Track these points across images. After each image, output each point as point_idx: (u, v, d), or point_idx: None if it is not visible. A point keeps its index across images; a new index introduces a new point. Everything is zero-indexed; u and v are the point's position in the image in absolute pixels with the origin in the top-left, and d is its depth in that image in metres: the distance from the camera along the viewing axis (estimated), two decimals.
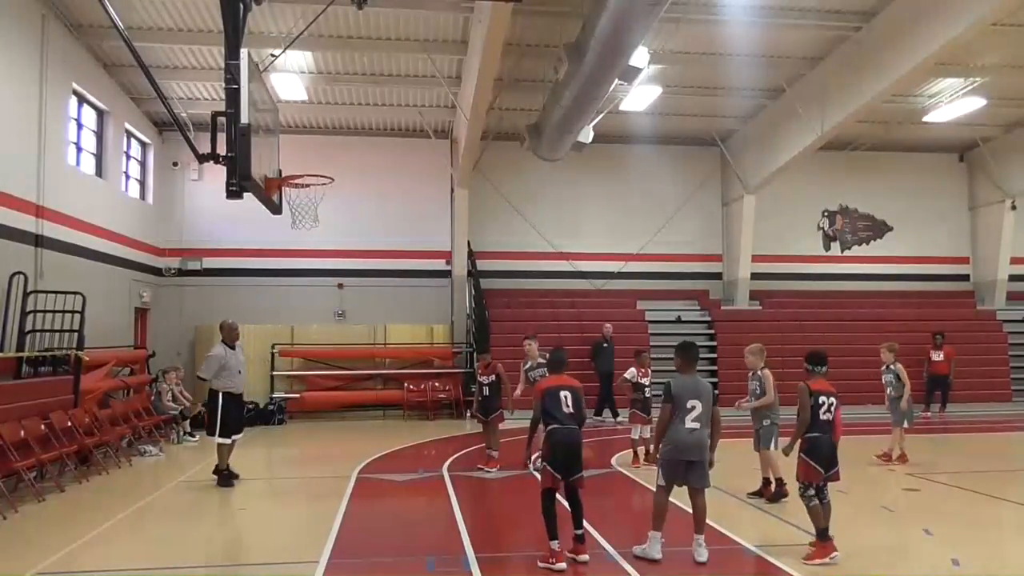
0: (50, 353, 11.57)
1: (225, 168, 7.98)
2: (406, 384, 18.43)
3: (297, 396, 18.10)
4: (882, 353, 11.47)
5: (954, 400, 18.47)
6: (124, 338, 16.29)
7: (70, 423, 10.58)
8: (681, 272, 21.30)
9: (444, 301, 19.50)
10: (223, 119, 8.00)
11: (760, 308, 20.97)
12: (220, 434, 10.05)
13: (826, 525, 6.54)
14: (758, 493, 8.96)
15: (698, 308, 20.96)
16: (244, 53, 7.94)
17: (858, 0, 13.89)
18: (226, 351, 10.20)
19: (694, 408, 6.60)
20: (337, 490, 9.64)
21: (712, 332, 20.08)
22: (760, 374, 9.02)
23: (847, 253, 22.23)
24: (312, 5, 11.70)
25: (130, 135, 17.21)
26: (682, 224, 21.26)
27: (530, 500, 7.24)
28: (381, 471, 11.17)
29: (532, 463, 8.17)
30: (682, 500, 6.99)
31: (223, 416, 10.04)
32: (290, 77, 15.59)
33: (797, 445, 6.80)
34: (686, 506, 6.84)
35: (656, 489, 6.75)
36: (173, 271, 18.83)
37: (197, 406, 14.33)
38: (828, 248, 22.24)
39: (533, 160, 17.59)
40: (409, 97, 17.68)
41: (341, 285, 19.27)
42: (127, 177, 17.28)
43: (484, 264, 20.31)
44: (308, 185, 9.88)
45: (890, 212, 22.30)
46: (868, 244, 22.32)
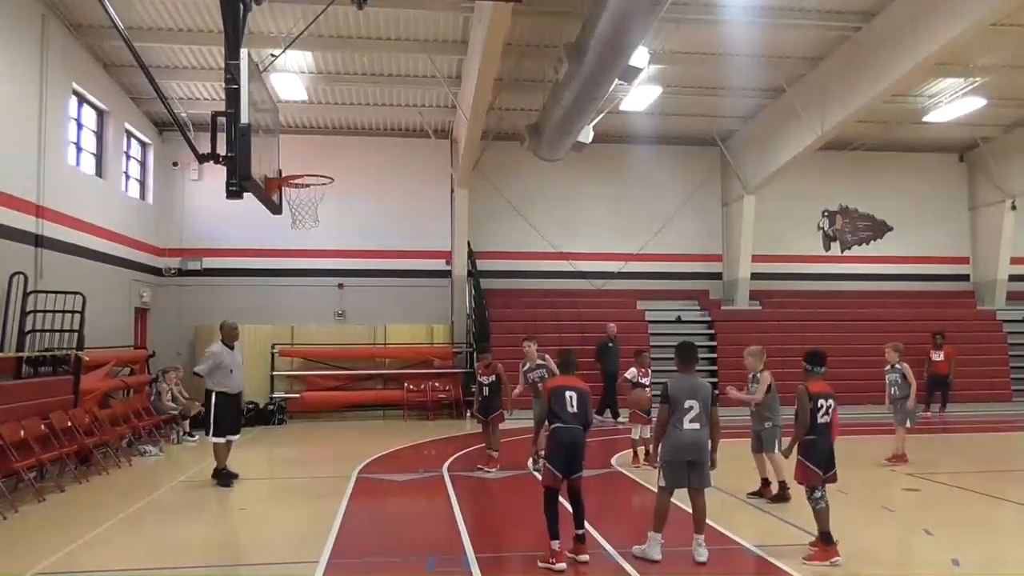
0: (50, 353, 11.56)
1: (225, 168, 7.97)
2: (406, 384, 18.44)
3: (297, 396, 18.12)
4: (887, 353, 11.48)
5: (954, 400, 18.47)
6: (124, 338, 16.29)
7: (70, 423, 10.58)
8: (681, 272, 21.28)
9: (444, 301, 19.51)
10: (223, 119, 7.99)
11: (760, 308, 20.97)
12: (214, 433, 10.12)
13: (827, 528, 6.53)
14: (758, 493, 8.96)
15: (698, 308, 20.96)
16: (244, 53, 7.93)
17: (858, 0, 13.89)
18: (224, 350, 10.25)
19: (692, 408, 6.60)
20: (337, 490, 9.65)
21: (712, 332, 20.09)
22: (759, 376, 9.00)
23: (847, 253, 22.23)
24: (312, 5, 11.71)
25: (130, 135, 17.21)
26: (682, 224, 21.25)
27: (530, 500, 7.25)
28: (381, 471, 11.17)
29: (532, 463, 8.17)
30: (682, 500, 6.98)
31: (217, 415, 10.10)
32: (290, 77, 15.59)
33: (796, 448, 6.79)
34: (686, 506, 6.84)
35: (657, 490, 6.76)
36: (173, 271, 18.83)
37: (196, 405, 14.33)
38: (828, 248, 22.23)
39: (533, 160, 17.59)
40: (409, 97, 17.68)
41: (341, 285, 19.27)
42: (127, 177, 17.27)
43: (484, 264, 20.31)
44: (308, 185, 9.87)
45: (890, 212, 22.30)
46: (868, 244, 22.32)
